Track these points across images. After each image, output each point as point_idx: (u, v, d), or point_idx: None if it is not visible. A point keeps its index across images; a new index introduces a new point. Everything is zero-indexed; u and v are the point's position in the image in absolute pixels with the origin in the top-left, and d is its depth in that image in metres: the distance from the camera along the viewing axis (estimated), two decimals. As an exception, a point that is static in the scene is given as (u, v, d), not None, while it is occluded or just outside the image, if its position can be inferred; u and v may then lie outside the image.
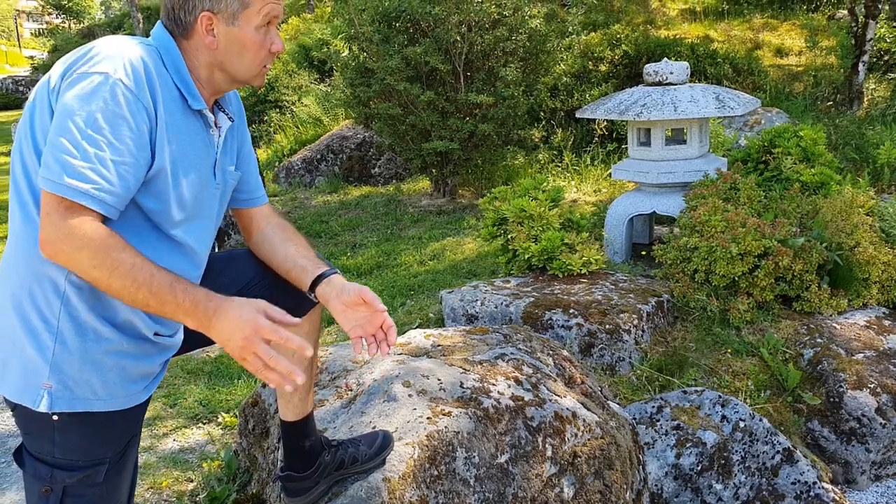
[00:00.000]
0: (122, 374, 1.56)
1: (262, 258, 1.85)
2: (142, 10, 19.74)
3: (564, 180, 7.67)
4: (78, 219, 1.37)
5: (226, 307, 1.44)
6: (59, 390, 1.49)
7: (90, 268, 1.38)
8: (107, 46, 1.46)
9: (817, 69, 9.69)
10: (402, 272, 5.65)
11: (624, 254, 4.89)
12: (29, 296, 1.48)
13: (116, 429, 1.60)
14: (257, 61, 1.62)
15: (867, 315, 3.77)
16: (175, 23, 1.58)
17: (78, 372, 1.50)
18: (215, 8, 1.55)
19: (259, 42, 1.60)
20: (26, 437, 1.57)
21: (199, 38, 1.57)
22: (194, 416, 3.69)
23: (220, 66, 1.61)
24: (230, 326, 1.43)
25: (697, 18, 12.06)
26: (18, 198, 1.49)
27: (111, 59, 1.43)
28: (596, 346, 3.58)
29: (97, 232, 1.38)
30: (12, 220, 1.51)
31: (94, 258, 1.37)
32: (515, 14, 7.18)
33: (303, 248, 1.83)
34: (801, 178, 4.48)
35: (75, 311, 1.48)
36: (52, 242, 1.37)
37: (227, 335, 1.43)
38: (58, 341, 1.48)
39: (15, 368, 1.50)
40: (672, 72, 4.79)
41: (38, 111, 1.46)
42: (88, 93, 1.39)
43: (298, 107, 10.96)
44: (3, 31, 47.35)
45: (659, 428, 3.02)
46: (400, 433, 2.20)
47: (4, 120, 17.95)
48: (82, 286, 1.48)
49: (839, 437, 3.29)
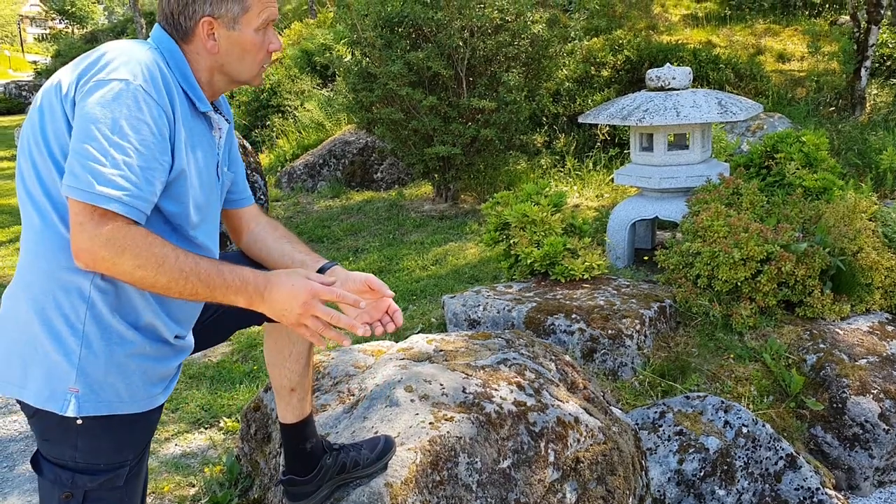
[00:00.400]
0: (144, 377, 1.57)
1: (255, 258, 1.86)
2: (145, 14, 19.79)
3: (567, 185, 7.67)
4: (113, 224, 1.38)
5: (275, 280, 1.50)
6: (86, 394, 1.49)
7: (134, 268, 1.40)
8: (119, 52, 1.47)
9: (819, 74, 9.69)
10: (405, 277, 5.65)
11: (626, 259, 4.89)
12: (53, 301, 1.48)
13: (137, 431, 1.61)
14: (257, 62, 1.65)
15: (870, 320, 3.77)
16: (175, 27, 1.59)
17: (103, 375, 1.51)
18: (216, 13, 1.57)
19: (258, 44, 1.62)
20: (44, 444, 1.57)
21: (199, 42, 1.59)
22: (196, 421, 3.69)
23: (221, 69, 1.63)
24: (285, 296, 1.49)
25: (699, 24, 12.08)
26: (34, 204, 1.49)
27: (128, 65, 1.44)
28: (598, 351, 3.57)
29: (135, 233, 1.40)
30: (29, 227, 1.51)
31: (138, 258, 1.39)
32: (518, 19, 7.19)
33: (298, 244, 1.85)
34: (803, 184, 4.48)
35: (100, 315, 1.49)
36: (89, 251, 1.39)
37: (283, 305, 1.49)
38: (84, 345, 1.49)
39: (38, 375, 1.50)
40: (674, 77, 4.80)
41: (49, 117, 1.46)
42: (110, 99, 1.40)
43: (301, 112, 10.97)
44: (7, 35, 47.50)
45: (661, 433, 3.01)
46: (402, 438, 2.20)
47: (7, 124, 17.99)
48: (107, 290, 1.49)
49: (842, 443, 3.28)
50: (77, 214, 1.38)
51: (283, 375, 2.02)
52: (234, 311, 1.76)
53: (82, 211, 1.38)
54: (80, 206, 1.38)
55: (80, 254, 1.40)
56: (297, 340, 1.98)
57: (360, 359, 2.86)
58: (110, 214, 1.38)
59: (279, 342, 1.99)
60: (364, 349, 2.99)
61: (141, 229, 1.42)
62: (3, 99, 22.23)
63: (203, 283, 1.46)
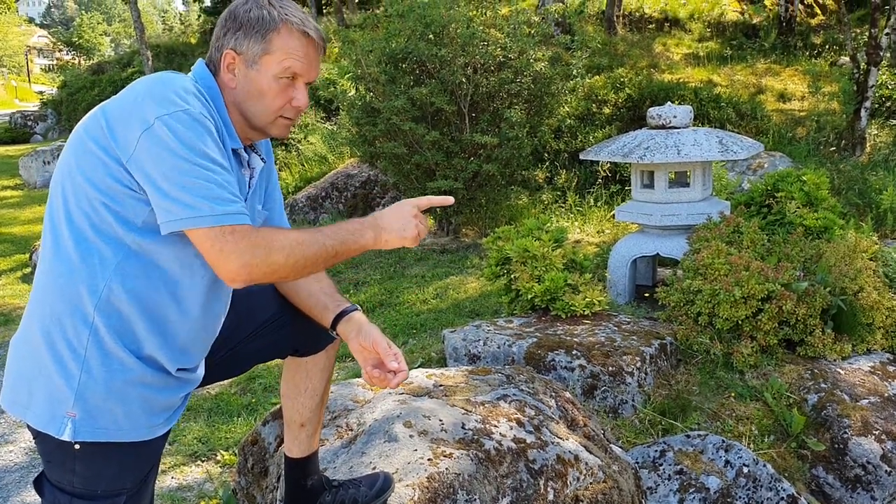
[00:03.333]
0: (144, 406, 1.57)
1: (285, 293, 1.89)
2: (152, 47, 20.00)
3: (568, 221, 7.70)
4: (242, 233, 1.45)
5: (379, 213, 1.67)
6: (83, 419, 1.50)
7: (286, 259, 1.49)
8: (166, 85, 1.48)
9: (820, 114, 9.77)
10: (405, 310, 5.64)
11: (627, 295, 4.89)
12: (58, 325, 1.50)
13: (136, 459, 1.61)
14: (272, 109, 1.63)
15: (871, 360, 3.75)
16: (210, 59, 1.63)
17: (102, 401, 1.51)
18: (238, 48, 1.59)
19: (276, 91, 1.62)
20: (48, 466, 1.58)
21: (223, 75, 1.62)
22: (193, 454, 3.66)
23: (239, 108, 1.64)
24: (394, 216, 1.66)
25: (700, 63, 12.20)
26: (53, 229, 1.52)
27: (183, 97, 1.47)
28: (599, 388, 3.55)
29: (260, 231, 1.49)
30: (52, 255, 1.53)
31: (283, 250, 1.48)
32: (520, 57, 7.27)
33: (325, 284, 1.87)
34: (804, 223, 4.49)
35: (102, 341, 1.51)
36: (242, 266, 1.44)
37: (398, 222, 1.65)
38: (84, 370, 1.50)
39: (41, 397, 1.52)
40: (675, 115, 4.83)
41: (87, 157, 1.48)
42: (182, 131, 1.43)
43: (304, 145, 11.04)
44: (14, 66, 47.94)
45: (662, 472, 2.99)
46: (401, 474, 2.18)
47: (13, 153, 18.08)
48: (111, 314, 1.51)
49: (844, 484, 3.25)
50: (210, 240, 1.43)
51: (296, 410, 2.03)
52: (253, 345, 1.83)
53: (215, 236, 1.43)
54: (210, 233, 1.43)
55: (237, 273, 1.45)
56: (314, 377, 2.00)
57: (358, 393, 2.85)
58: (238, 228, 1.44)
59: (297, 376, 2.01)
60: (363, 383, 2.97)
61: (257, 227, 1.50)
62: (9, 128, 22.33)
63: (335, 239, 1.56)
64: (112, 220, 1.47)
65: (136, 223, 1.48)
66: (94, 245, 1.48)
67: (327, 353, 1.99)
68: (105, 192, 1.46)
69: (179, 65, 20.15)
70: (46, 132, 22.20)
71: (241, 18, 1.59)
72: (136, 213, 1.47)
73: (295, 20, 1.60)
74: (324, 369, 2.00)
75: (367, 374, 1.72)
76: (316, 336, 1.90)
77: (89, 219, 1.47)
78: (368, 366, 1.72)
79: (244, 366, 1.97)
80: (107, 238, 1.48)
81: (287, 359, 2.00)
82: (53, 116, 22.70)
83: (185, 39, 24.50)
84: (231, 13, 1.61)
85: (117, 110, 1.47)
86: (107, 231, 1.48)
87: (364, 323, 1.76)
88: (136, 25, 15.45)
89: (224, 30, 1.60)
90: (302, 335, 1.91)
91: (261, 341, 1.88)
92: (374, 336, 1.73)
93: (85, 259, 1.48)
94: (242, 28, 1.58)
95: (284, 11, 1.60)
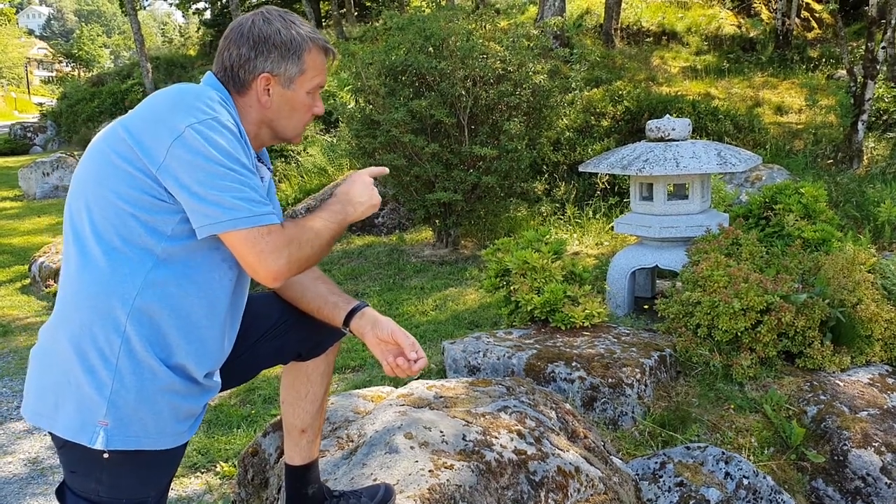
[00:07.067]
0: (172, 413, 1.60)
1: (290, 298, 1.91)
2: (151, 59, 20.07)
3: (567, 233, 7.71)
4: (276, 231, 1.53)
5: (345, 189, 1.75)
6: (115, 427, 1.52)
7: (312, 249, 1.60)
8: (192, 95, 1.53)
9: (817, 127, 9.81)
10: (405, 322, 5.65)
11: (626, 307, 4.90)
12: (89, 335, 1.52)
13: (162, 468, 1.64)
14: (302, 122, 1.76)
15: (870, 372, 3.76)
16: (232, 79, 1.66)
17: (133, 410, 1.53)
18: (275, 71, 1.65)
19: (308, 105, 1.73)
20: (70, 475, 1.60)
21: (253, 95, 1.67)
22: (193, 465, 3.66)
23: (269, 124, 1.71)
24: (361, 188, 1.75)
25: (698, 76, 12.26)
26: (77, 240, 1.54)
27: (210, 105, 1.52)
28: (598, 399, 3.56)
29: (287, 227, 1.57)
30: (78, 269, 1.55)
31: (309, 241, 1.59)
32: (520, 70, 7.30)
33: (331, 285, 1.92)
34: (802, 235, 4.51)
35: (134, 350, 1.53)
36: (281, 264, 1.53)
37: (365, 193, 1.75)
38: (116, 379, 1.52)
39: (70, 407, 1.53)
40: (674, 128, 4.86)
41: (113, 171, 1.50)
42: (214, 137, 1.48)
43: (304, 156, 11.07)
44: (14, 78, 48.05)
45: (662, 484, 2.99)
46: (401, 486, 2.18)
47: (12, 165, 18.10)
48: (143, 323, 1.53)
49: (844, 496, 3.25)
50: (250, 241, 1.50)
51: (297, 415, 2.04)
52: (258, 351, 1.86)
53: (254, 238, 1.49)
54: (249, 234, 1.49)
55: (278, 274, 1.53)
56: (315, 382, 2.03)
57: (359, 404, 2.85)
58: (273, 227, 1.52)
59: (297, 381, 2.03)
60: (364, 394, 2.98)
61: (282, 224, 1.57)
62: (9, 140, 22.34)
63: (334, 221, 1.67)
64: (142, 230, 1.50)
65: (165, 232, 1.51)
66: (124, 255, 1.51)
67: (327, 357, 2.01)
68: (134, 204, 1.49)
69: (179, 77, 20.22)
70: (46, 144, 22.21)
71: (274, 40, 1.65)
72: (166, 222, 1.51)
73: (318, 38, 1.70)
74: (324, 374, 2.03)
75: (389, 366, 1.76)
76: (319, 338, 1.94)
77: (117, 231, 1.50)
78: (390, 357, 1.76)
79: (249, 373, 1.99)
80: (136, 248, 1.51)
81: (287, 365, 2.02)
82: (53, 128, 22.73)
83: (185, 51, 24.59)
84: (259, 35, 1.65)
85: (140, 122, 1.51)
86: (136, 242, 1.51)
87: (378, 317, 1.81)
88: (135, 37, 15.51)
89: (254, 52, 1.64)
90: (306, 338, 1.93)
91: (265, 347, 1.90)
92: (392, 328, 1.78)
93: (115, 270, 1.51)
94: (277, 50, 1.65)
95: (306, 29, 1.69)
